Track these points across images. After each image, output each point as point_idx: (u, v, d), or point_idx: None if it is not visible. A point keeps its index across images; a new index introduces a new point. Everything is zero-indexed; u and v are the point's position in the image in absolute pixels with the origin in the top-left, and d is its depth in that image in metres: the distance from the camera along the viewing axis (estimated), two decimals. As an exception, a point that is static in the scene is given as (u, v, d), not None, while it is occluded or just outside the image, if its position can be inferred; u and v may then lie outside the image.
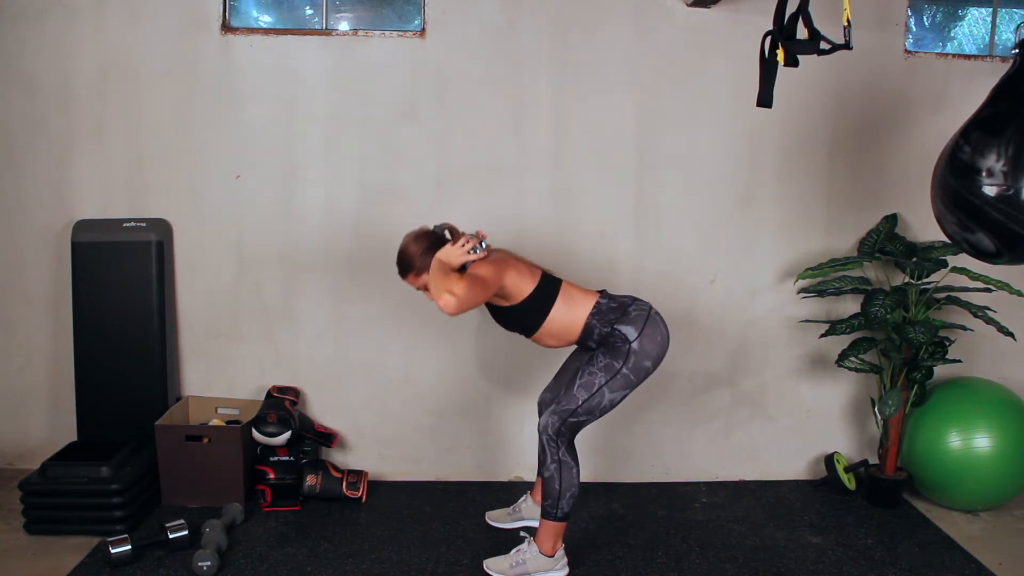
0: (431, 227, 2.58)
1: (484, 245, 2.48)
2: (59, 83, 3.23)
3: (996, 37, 3.48)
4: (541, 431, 2.56)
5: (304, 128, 3.28)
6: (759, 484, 3.47)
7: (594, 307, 2.56)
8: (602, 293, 2.65)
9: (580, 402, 2.51)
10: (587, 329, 2.56)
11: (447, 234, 2.55)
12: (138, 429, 3.17)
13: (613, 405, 2.54)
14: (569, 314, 2.56)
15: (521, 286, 2.52)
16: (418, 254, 2.52)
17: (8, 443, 3.42)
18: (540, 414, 2.79)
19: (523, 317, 2.57)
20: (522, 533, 2.78)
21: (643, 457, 3.49)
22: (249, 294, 3.36)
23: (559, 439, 2.54)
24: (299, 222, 3.32)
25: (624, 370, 2.50)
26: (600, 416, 2.56)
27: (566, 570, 2.66)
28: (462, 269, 2.46)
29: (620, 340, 2.51)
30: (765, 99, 2.39)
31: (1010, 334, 3.12)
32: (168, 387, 3.30)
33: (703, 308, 3.43)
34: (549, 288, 2.58)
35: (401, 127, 3.27)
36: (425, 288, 2.53)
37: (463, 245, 2.44)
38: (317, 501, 3.20)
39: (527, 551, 2.65)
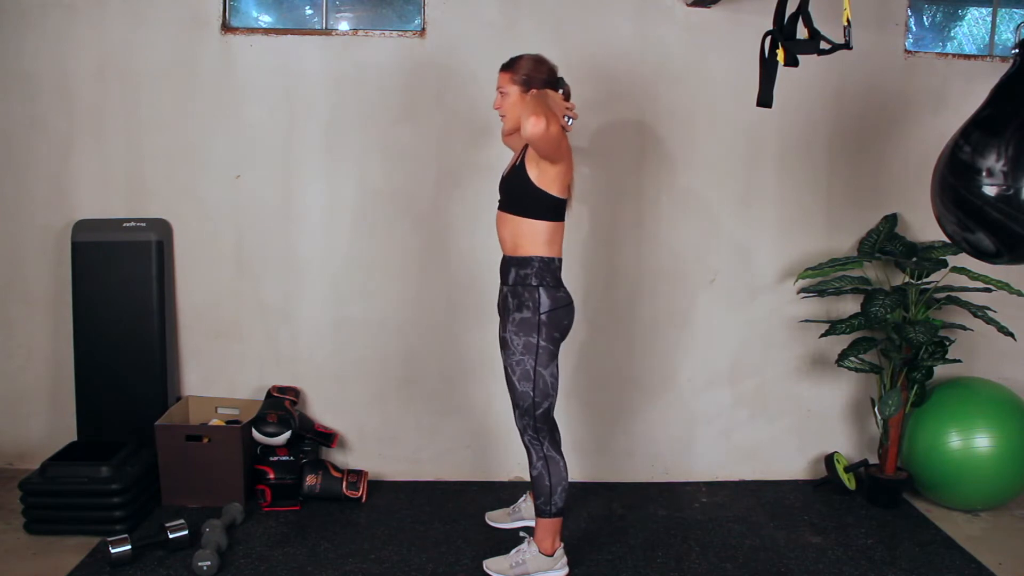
0: (558, 72, 2.61)
1: (570, 123, 2.51)
2: (59, 83, 3.23)
3: (996, 37, 3.49)
4: (521, 434, 2.60)
5: (304, 128, 3.28)
6: (759, 484, 3.47)
7: (548, 258, 2.53)
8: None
9: (532, 393, 2.53)
10: (525, 260, 2.52)
11: (562, 91, 2.58)
12: (138, 429, 3.17)
13: (555, 376, 2.56)
14: (536, 236, 2.51)
15: (557, 182, 2.50)
16: (531, 69, 2.54)
17: (8, 443, 3.42)
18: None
19: (527, 196, 2.50)
20: (521, 533, 2.78)
21: (643, 457, 3.49)
22: (249, 294, 3.36)
23: (539, 435, 2.57)
24: (299, 222, 3.33)
25: (542, 342, 2.50)
26: (555, 392, 2.57)
27: (566, 569, 2.66)
28: None
29: (530, 306, 2.49)
30: (765, 99, 2.39)
31: (1010, 334, 3.12)
32: (168, 387, 3.30)
33: (703, 308, 3.43)
34: (559, 210, 2.55)
35: (401, 127, 3.27)
36: (503, 94, 2.56)
37: (568, 109, 2.49)
38: (317, 501, 3.20)
39: (527, 551, 2.65)
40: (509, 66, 2.57)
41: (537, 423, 2.56)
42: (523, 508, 3.01)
